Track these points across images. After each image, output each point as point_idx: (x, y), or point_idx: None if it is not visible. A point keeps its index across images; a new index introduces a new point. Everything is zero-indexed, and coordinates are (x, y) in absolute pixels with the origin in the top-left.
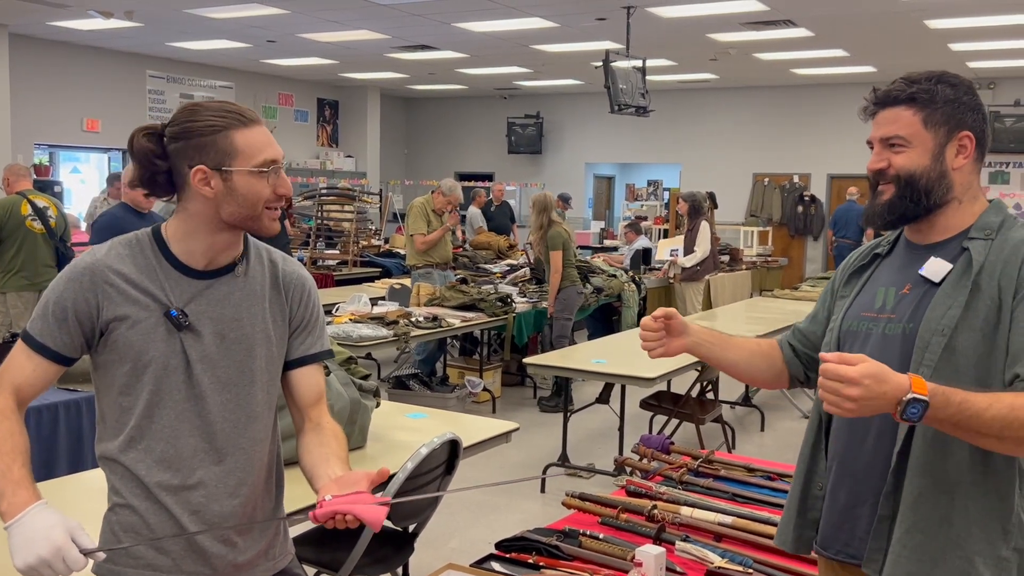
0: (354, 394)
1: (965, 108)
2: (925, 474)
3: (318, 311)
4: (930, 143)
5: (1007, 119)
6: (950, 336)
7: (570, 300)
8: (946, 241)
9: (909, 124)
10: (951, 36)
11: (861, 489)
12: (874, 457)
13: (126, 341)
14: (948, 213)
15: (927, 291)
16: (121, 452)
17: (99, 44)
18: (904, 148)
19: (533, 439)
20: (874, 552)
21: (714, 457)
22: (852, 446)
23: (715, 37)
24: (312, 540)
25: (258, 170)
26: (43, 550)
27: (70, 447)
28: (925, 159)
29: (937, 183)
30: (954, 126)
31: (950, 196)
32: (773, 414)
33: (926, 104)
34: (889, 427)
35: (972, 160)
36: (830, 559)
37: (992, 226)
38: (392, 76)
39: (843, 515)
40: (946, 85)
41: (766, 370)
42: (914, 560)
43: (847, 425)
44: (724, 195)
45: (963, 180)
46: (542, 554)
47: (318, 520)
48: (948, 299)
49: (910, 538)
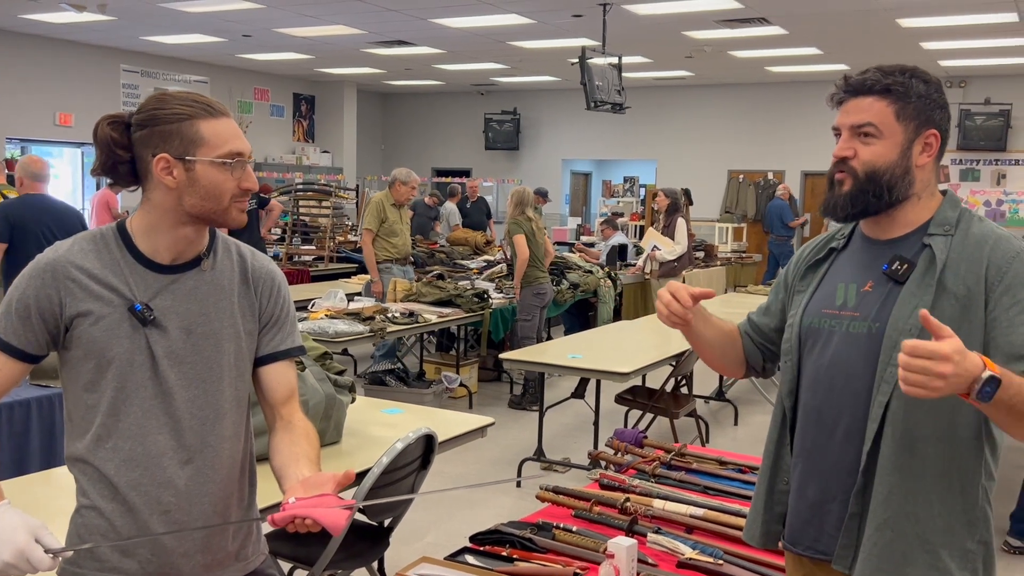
0: (329, 390)
1: (935, 105)
2: (894, 472)
3: (288, 306)
4: (900, 136)
5: (978, 117)
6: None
7: (526, 301)
8: (905, 236)
9: (882, 114)
10: (923, 35)
11: (830, 486)
12: (842, 455)
13: (90, 337)
14: (907, 208)
15: (891, 289)
16: (89, 452)
17: (72, 37)
18: (874, 139)
19: (509, 434)
20: (844, 549)
21: (686, 451)
22: (820, 443)
23: (690, 34)
24: (287, 535)
25: (221, 161)
26: (5, 554)
27: (42, 444)
28: (893, 153)
29: (901, 179)
30: (923, 122)
31: (911, 192)
32: (746, 408)
33: (900, 97)
34: (857, 425)
35: (935, 158)
36: (799, 555)
37: (950, 221)
38: (369, 71)
39: (811, 512)
40: (919, 80)
41: (732, 357)
42: (885, 557)
43: (815, 422)
44: (699, 192)
45: (925, 177)
46: (516, 547)
47: (277, 524)
48: (914, 298)
49: (880, 535)
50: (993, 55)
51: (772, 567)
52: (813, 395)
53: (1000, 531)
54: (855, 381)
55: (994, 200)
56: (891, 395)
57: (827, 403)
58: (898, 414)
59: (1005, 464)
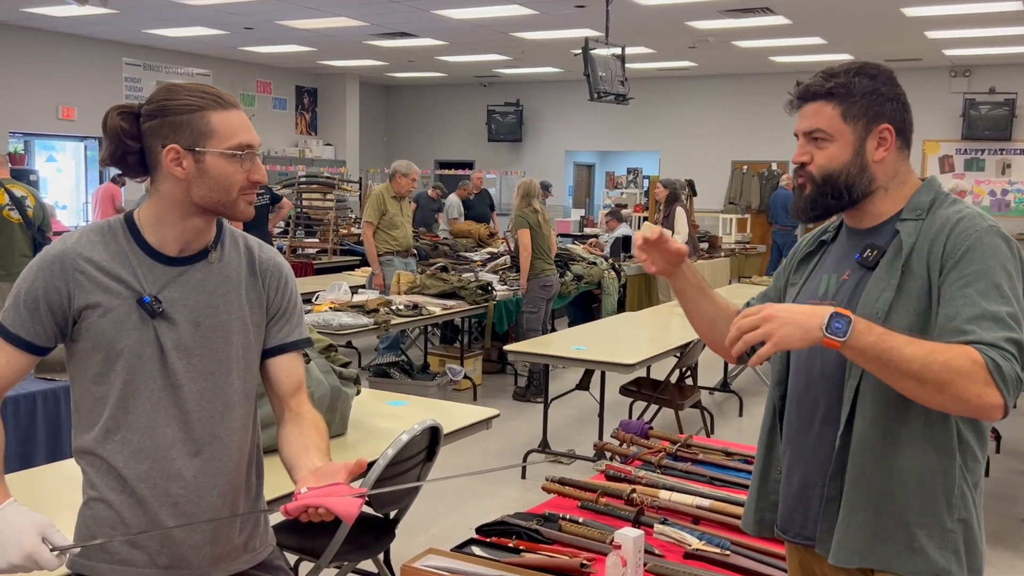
0: (334, 382)
1: (883, 99)
2: (866, 452)
3: (295, 299)
4: (850, 136)
5: (982, 106)
6: (884, 318)
7: (532, 293)
8: (880, 225)
9: (829, 118)
10: (927, 24)
11: (811, 472)
12: (820, 440)
13: (98, 329)
14: (876, 201)
15: (863, 276)
16: (97, 444)
17: (74, 31)
18: (826, 142)
19: (514, 425)
20: (824, 533)
21: (692, 441)
22: (801, 429)
23: (694, 25)
24: (293, 527)
25: (231, 152)
26: (13, 556)
27: (48, 436)
28: (846, 153)
29: (858, 177)
30: (872, 118)
31: (874, 187)
32: (751, 399)
33: (844, 98)
34: (833, 411)
35: (895, 150)
36: (790, 542)
37: (922, 206)
38: (371, 64)
39: (797, 498)
40: (864, 77)
41: (724, 331)
42: (859, 537)
43: (796, 410)
44: (703, 183)
45: (886, 171)
46: (522, 538)
47: (290, 514)
48: (881, 283)
49: (854, 516)
50: (998, 44)
51: (779, 556)
52: (795, 383)
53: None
54: (829, 367)
55: (999, 190)
56: (860, 378)
57: (807, 390)
58: (867, 396)
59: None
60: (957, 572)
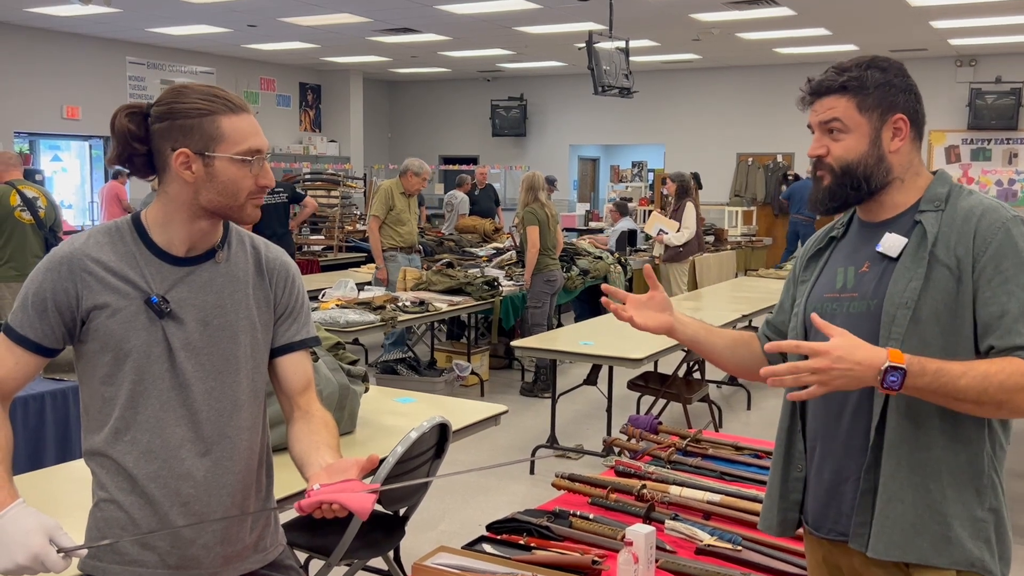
0: (343, 379)
1: (896, 90)
2: (901, 444)
3: (303, 297)
4: (866, 128)
5: (988, 96)
6: (914, 308)
7: (536, 288)
8: (897, 217)
9: (845, 110)
10: (933, 13)
11: (843, 467)
12: (851, 434)
13: (107, 330)
14: (892, 192)
15: (886, 267)
16: (107, 445)
17: (77, 30)
18: (843, 134)
19: (522, 421)
20: (859, 527)
21: (702, 436)
22: (830, 425)
23: (698, 17)
24: (303, 525)
25: (241, 158)
26: (20, 557)
27: (57, 437)
28: (863, 144)
29: (876, 168)
30: (886, 109)
31: (890, 178)
32: (759, 392)
33: (858, 91)
34: (864, 404)
35: (909, 141)
36: (821, 538)
37: (940, 197)
38: (374, 60)
39: (829, 494)
40: (876, 69)
41: (748, 358)
42: (896, 530)
43: (823, 405)
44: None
45: (902, 161)
46: (533, 535)
47: (304, 510)
48: (908, 272)
49: (891, 508)
50: (1003, 33)
51: (791, 552)
52: None
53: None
54: None
55: (1005, 179)
56: None
57: None
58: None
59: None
60: (990, 561)
